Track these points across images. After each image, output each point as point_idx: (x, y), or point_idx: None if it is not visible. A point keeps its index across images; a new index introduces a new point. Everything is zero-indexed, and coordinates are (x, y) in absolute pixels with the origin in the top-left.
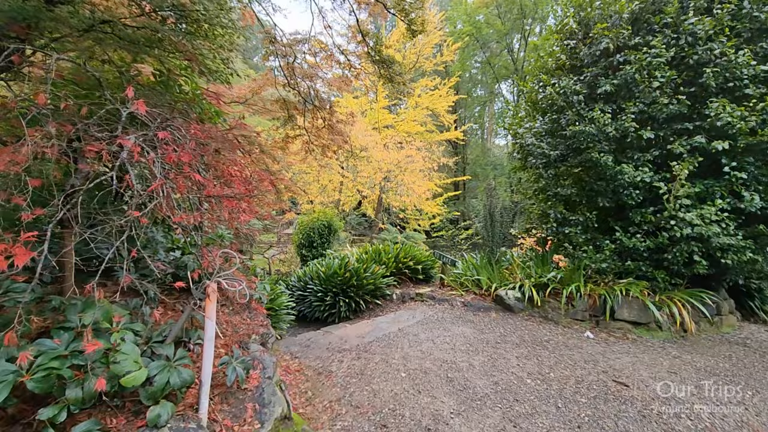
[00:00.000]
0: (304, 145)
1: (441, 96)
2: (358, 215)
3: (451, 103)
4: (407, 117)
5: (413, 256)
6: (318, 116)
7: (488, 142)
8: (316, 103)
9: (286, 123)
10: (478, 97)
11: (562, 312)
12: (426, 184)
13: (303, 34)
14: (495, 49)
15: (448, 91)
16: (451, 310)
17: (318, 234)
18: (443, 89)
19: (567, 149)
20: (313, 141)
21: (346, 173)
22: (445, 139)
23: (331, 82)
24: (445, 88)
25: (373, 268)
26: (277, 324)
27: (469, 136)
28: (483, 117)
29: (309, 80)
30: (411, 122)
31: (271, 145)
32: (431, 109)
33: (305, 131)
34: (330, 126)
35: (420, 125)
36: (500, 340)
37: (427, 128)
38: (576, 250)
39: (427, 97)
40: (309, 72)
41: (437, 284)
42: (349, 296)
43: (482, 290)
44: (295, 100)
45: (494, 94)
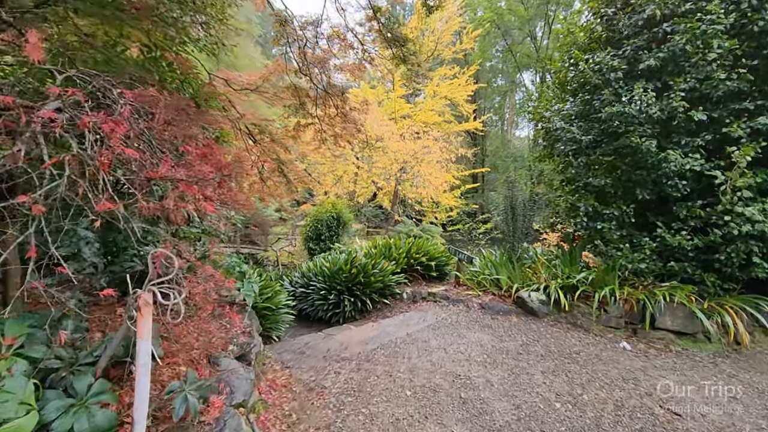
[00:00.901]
0: (317, 134)
1: (460, 85)
2: (374, 207)
3: (471, 92)
4: (425, 107)
5: (426, 252)
6: (330, 104)
7: (508, 133)
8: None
9: (297, 111)
10: (498, 87)
11: (593, 318)
12: (443, 176)
13: (315, 16)
14: (517, 37)
15: (468, 79)
16: (466, 313)
17: (326, 226)
18: (462, 78)
19: (601, 134)
20: (325, 130)
21: (361, 164)
22: (464, 130)
23: (344, 67)
24: (464, 76)
25: (382, 264)
26: (274, 325)
27: (489, 127)
28: (503, 108)
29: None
30: (428, 112)
31: (283, 134)
32: (450, 98)
33: (317, 120)
34: (343, 114)
35: (438, 115)
36: (522, 350)
37: (445, 118)
38: (609, 248)
39: (445, 86)
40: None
41: (452, 283)
42: (355, 295)
43: (502, 291)
44: (307, 87)
45: (515, 84)
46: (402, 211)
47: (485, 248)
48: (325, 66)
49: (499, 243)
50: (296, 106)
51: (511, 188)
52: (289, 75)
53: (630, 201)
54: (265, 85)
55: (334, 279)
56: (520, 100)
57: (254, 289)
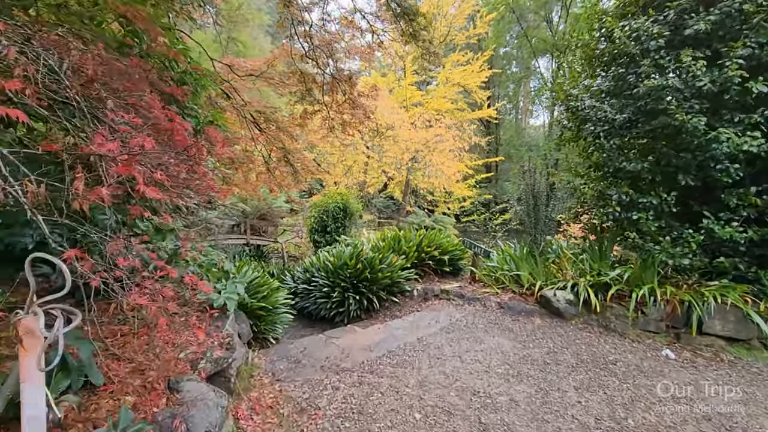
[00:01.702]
0: (324, 122)
1: (474, 71)
2: (385, 198)
3: (485, 78)
4: (437, 94)
5: (439, 245)
6: (338, 90)
7: (523, 121)
8: (335, 74)
9: (303, 97)
10: (512, 74)
11: (629, 321)
12: (456, 165)
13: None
14: (532, 22)
15: (482, 65)
16: (483, 313)
17: (332, 217)
18: (476, 64)
19: (637, 112)
20: (333, 117)
21: (371, 153)
22: (478, 117)
23: (352, 50)
24: (478, 62)
25: (390, 258)
26: (271, 327)
27: (503, 115)
28: (517, 96)
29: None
30: (441, 99)
31: (289, 122)
32: (463, 85)
33: (325, 106)
34: (351, 100)
35: (451, 102)
36: (550, 358)
37: (458, 106)
38: (646, 241)
39: (458, 73)
40: (328, 39)
41: (467, 279)
42: (361, 292)
43: (523, 288)
44: (314, 73)
45: (530, 71)
46: (414, 202)
47: (502, 241)
48: (331, 49)
49: (518, 235)
50: (303, 93)
51: (533, 175)
52: (294, 60)
53: (670, 188)
54: (271, 71)
55: (338, 275)
56: (535, 87)
57: (238, 290)
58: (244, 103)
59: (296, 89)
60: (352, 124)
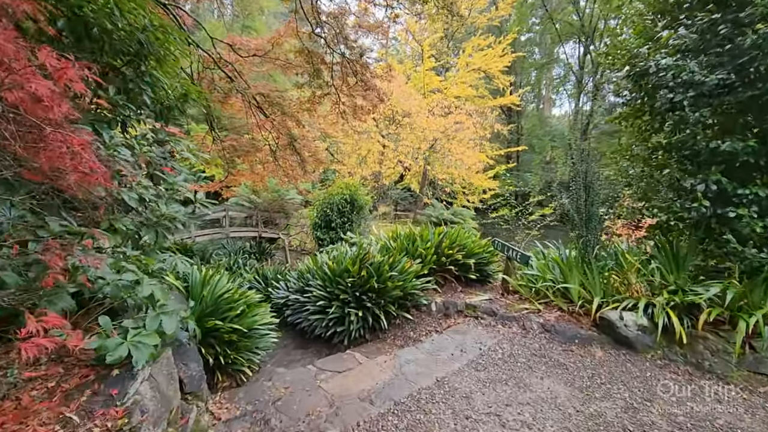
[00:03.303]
0: (334, 107)
1: (496, 54)
2: (401, 189)
3: (507, 63)
4: (457, 79)
5: (462, 246)
6: (349, 71)
7: (545, 111)
8: (346, 53)
9: (312, 80)
10: (534, 61)
11: (732, 359)
12: (476, 155)
13: None
14: (557, 5)
15: (505, 48)
16: (524, 339)
17: (337, 211)
18: (498, 47)
19: (735, 72)
20: (343, 101)
21: (387, 142)
22: (499, 105)
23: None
24: (500, 45)
25: (403, 263)
26: (245, 356)
27: (524, 103)
28: (540, 83)
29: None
30: (461, 85)
31: (297, 107)
32: (484, 70)
33: (335, 89)
34: (364, 82)
35: (471, 88)
36: (631, 420)
37: (479, 93)
38: (747, 246)
39: (479, 57)
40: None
41: (497, 288)
42: (365, 307)
43: (573, 305)
44: (322, 52)
45: (553, 59)
46: (431, 194)
47: (537, 240)
48: (341, 24)
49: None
50: (311, 75)
51: (585, 161)
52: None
53: None
54: (276, 50)
55: (338, 284)
56: (558, 75)
57: (165, 328)
58: (247, 86)
59: (303, 71)
60: (365, 109)
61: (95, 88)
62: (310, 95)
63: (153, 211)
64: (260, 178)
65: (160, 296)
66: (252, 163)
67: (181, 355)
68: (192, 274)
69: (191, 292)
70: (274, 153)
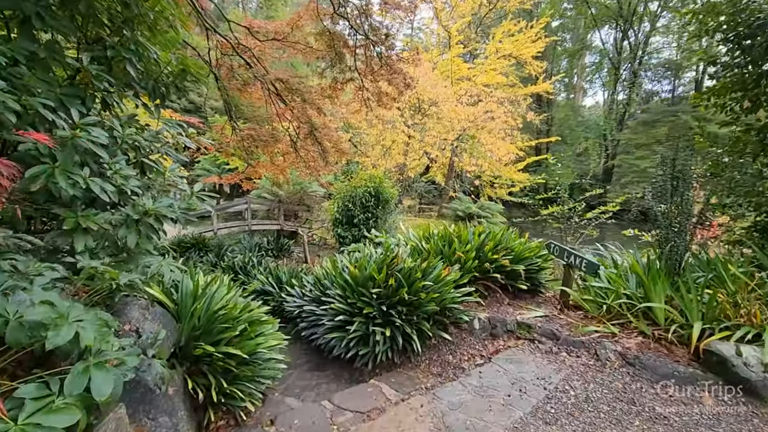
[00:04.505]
0: (357, 93)
1: (529, 39)
2: (426, 182)
3: (540, 48)
4: (486, 66)
5: (509, 250)
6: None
7: (576, 100)
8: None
9: (333, 64)
10: (565, 49)
11: None
12: (507, 146)
13: None
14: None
15: (538, 33)
16: (599, 374)
17: (360, 206)
18: (531, 32)
19: None
20: (367, 87)
21: (412, 132)
22: (531, 93)
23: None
24: (533, 30)
25: (439, 269)
26: (246, 387)
27: (555, 93)
28: (572, 71)
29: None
30: (491, 72)
31: (318, 94)
32: (516, 56)
33: (358, 73)
34: (389, 65)
35: (502, 76)
36: None
37: (509, 80)
38: None
39: (510, 43)
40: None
41: (552, 300)
42: (393, 324)
43: (658, 328)
44: (344, 34)
45: (586, 45)
46: (458, 187)
47: (585, 240)
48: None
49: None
50: (332, 59)
51: (678, 149)
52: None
53: None
54: (296, 33)
55: (361, 294)
56: (592, 62)
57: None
58: (266, 72)
59: (325, 54)
60: (390, 95)
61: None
62: (331, 81)
63: (135, 206)
64: (281, 170)
65: (94, 339)
66: (272, 155)
67: (146, 405)
68: (182, 285)
69: (180, 308)
70: (295, 143)
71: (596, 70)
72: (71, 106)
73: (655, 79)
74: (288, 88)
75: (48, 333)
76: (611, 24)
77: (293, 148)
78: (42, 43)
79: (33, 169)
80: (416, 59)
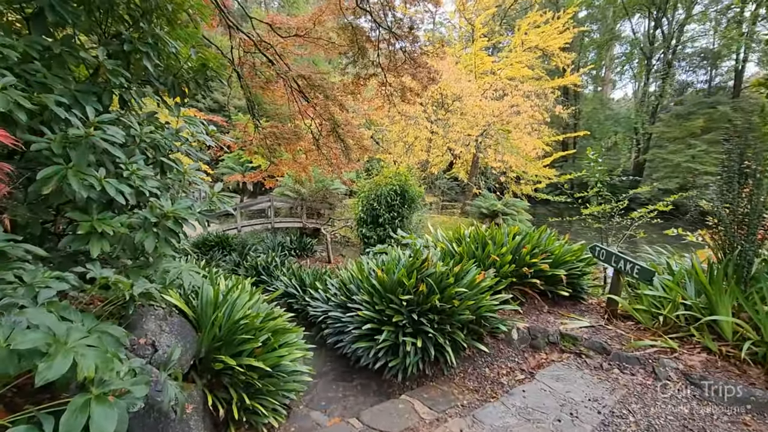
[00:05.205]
0: (380, 89)
1: (556, 30)
2: (448, 179)
3: (568, 39)
4: (511, 59)
5: (548, 253)
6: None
7: (604, 93)
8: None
9: (356, 60)
10: (593, 39)
11: None
12: (533, 141)
13: None
14: None
15: (565, 24)
16: (660, 396)
17: (385, 204)
18: (557, 22)
19: None
20: (390, 82)
21: (435, 128)
22: (559, 85)
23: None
24: (560, 20)
25: (472, 274)
26: (270, 400)
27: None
28: (600, 63)
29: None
30: (516, 65)
31: (340, 90)
32: (542, 48)
33: (381, 68)
34: (412, 59)
35: (528, 68)
36: None
37: (535, 73)
38: None
39: (535, 34)
40: None
41: (596, 308)
42: (426, 334)
43: (725, 344)
44: (367, 28)
45: (615, 35)
46: (483, 183)
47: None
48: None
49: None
50: (355, 54)
51: (744, 137)
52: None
53: None
54: (318, 29)
55: (390, 301)
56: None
57: (95, 427)
58: (288, 69)
59: (347, 49)
60: (414, 90)
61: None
62: (353, 77)
63: (152, 208)
64: (303, 168)
65: (96, 368)
66: (294, 152)
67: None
68: (202, 292)
69: (199, 317)
70: (317, 141)
71: (626, 60)
72: (86, 103)
73: (690, 69)
74: (310, 85)
75: (39, 365)
76: (642, 12)
77: (315, 145)
78: (58, 38)
79: (45, 171)
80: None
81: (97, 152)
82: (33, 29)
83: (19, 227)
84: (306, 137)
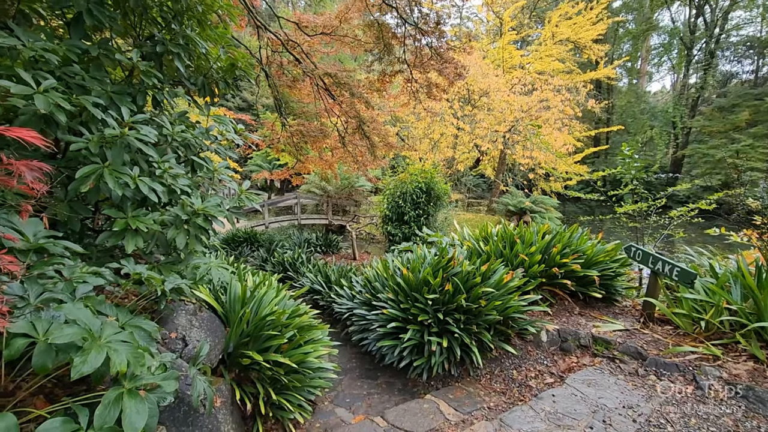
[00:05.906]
0: (405, 85)
1: (588, 22)
2: (474, 176)
3: (602, 30)
4: (541, 52)
5: (580, 253)
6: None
7: (640, 86)
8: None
9: (381, 57)
10: (628, 30)
11: None
12: (564, 137)
13: None
14: None
15: (599, 14)
16: (701, 406)
17: (411, 202)
18: (591, 13)
19: None
20: (416, 78)
21: (461, 125)
22: (591, 79)
23: None
24: (593, 11)
25: (500, 273)
26: (296, 396)
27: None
28: (636, 55)
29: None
30: (546, 58)
31: (366, 86)
32: (573, 40)
33: (407, 65)
34: (439, 54)
35: (558, 62)
36: None
37: (566, 67)
38: None
39: (567, 26)
40: None
41: (630, 311)
42: (452, 334)
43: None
44: (392, 24)
45: (652, 25)
46: (511, 180)
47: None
48: None
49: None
50: (381, 51)
51: None
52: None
53: None
54: (344, 27)
55: (415, 300)
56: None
57: (127, 423)
58: (314, 67)
59: (373, 46)
60: (441, 86)
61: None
62: (379, 74)
63: (183, 206)
64: (329, 165)
65: (128, 364)
66: (320, 150)
67: (189, 427)
68: (230, 288)
69: (228, 312)
70: (343, 138)
71: (665, 52)
72: (121, 104)
73: (735, 59)
74: (336, 83)
75: (74, 359)
76: (683, 1)
77: (341, 142)
78: (96, 41)
79: (83, 170)
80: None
81: (132, 151)
82: (72, 33)
83: (60, 224)
84: (332, 135)
